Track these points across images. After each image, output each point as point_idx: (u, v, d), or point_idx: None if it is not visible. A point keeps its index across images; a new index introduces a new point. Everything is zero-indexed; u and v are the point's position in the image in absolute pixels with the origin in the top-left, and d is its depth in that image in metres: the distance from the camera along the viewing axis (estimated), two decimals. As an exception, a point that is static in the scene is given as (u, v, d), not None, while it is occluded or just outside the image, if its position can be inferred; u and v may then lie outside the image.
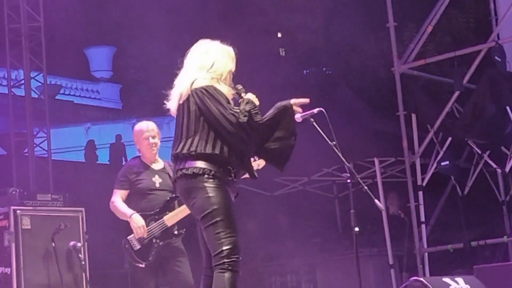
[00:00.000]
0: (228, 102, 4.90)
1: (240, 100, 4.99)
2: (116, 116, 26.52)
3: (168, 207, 6.61)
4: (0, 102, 20.27)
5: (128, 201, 6.64)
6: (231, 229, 4.79)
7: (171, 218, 6.56)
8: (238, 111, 4.83)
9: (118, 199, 6.61)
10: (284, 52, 21.41)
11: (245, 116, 4.83)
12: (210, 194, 4.80)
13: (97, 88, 28.03)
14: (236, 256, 4.77)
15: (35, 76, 12.46)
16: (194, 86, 4.89)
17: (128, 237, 6.49)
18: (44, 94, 12.62)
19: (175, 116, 5.03)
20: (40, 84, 12.66)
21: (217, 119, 4.82)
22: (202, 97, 4.85)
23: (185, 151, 4.87)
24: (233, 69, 5.06)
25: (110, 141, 20.74)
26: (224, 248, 4.75)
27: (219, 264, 4.75)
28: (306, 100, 5.16)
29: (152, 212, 6.56)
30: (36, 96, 12.63)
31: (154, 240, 6.51)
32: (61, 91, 25.04)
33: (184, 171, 4.86)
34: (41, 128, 12.42)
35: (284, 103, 5.09)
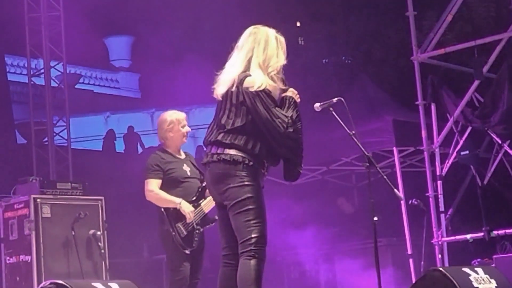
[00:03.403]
0: (276, 105, 4.92)
1: (283, 96, 5.01)
2: (135, 105, 26.59)
3: (203, 194, 6.70)
4: (20, 91, 20.38)
5: (161, 190, 6.69)
6: (261, 218, 4.86)
7: (206, 205, 6.67)
8: (287, 120, 4.87)
9: (156, 188, 6.65)
10: (303, 41, 21.35)
11: (291, 126, 4.89)
12: (246, 183, 4.85)
13: (116, 77, 28.12)
14: (263, 244, 4.83)
15: (55, 65, 12.52)
16: (249, 84, 4.89)
17: (177, 224, 6.55)
18: (64, 83, 12.66)
19: (218, 99, 5.04)
20: (59, 73, 12.72)
21: (265, 126, 4.86)
22: (254, 100, 4.87)
23: (226, 141, 4.90)
24: (285, 62, 5.09)
25: (130, 130, 20.82)
26: (253, 235, 4.81)
27: (246, 251, 4.80)
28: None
29: (190, 200, 6.64)
30: (56, 85, 12.67)
31: (195, 227, 6.59)
32: (81, 80, 25.15)
33: (223, 156, 4.90)
34: (60, 117, 12.47)
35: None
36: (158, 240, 6.79)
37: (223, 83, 5.00)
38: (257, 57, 4.99)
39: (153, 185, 6.65)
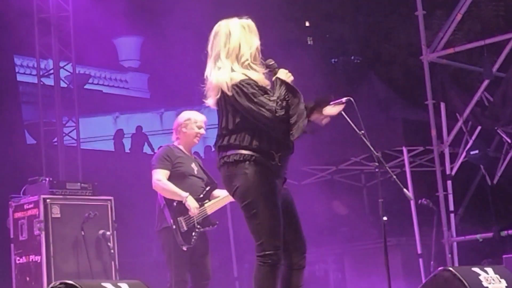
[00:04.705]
0: (265, 92, 4.80)
1: (273, 79, 4.90)
2: (144, 106, 26.59)
3: (208, 195, 6.68)
4: (29, 92, 20.37)
5: None
6: (272, 219, 4.75)
7: (210, 207, 6.65)
8: (274, 104, 4.72)
9: (164, 178, 6.62)
10: (312, 41, 21.34)
11: (281, 108, 4.74)
12: (251, 182, 4.75)
13: (126, 77, 28.13)
14: (276, 247, 4.73)
15: (64, 65, 12.52)
16: (228, 82, 4.78)
17: (178, 218, 6.52)
18: (73, 83, 12.67)
19: (215, 109, 4.95)
20: (69, 73, 12.72)
21: (254, 117, 4.75)
22: (236, 96, 4.76)
23: (225, 143, 4.83)
24: (259, 43, 4.95)
25: (138, 130, 20.84)
26: (263, 240, 4.73)
27: (260, 256, 4.73)
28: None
29: (196, 197, 6.62)
30: (65, 85, 12.69)
31: (195, 225, 6.56)
32: (90, 81, 25.15)
33: (225, 158, 4.82)
34: (70, 117, 12.48)
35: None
36: (158, 239, 6.76)
37: (210, 94, 4.89)
38: (222, 52, 4.87)
39: (161, 175, 6.63)
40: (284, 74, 4.91)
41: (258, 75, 4.87)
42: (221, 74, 4.84)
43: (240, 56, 4.88)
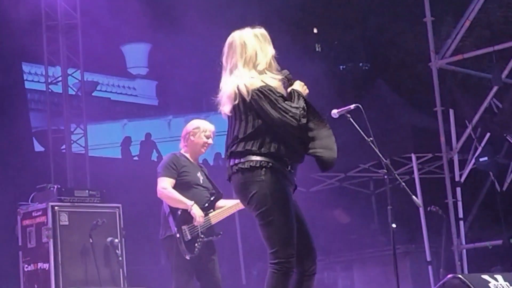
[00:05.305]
0: (285, 99, 4.81)
1: (290, 90, 4.91)
2: (152, 113, 26.62)
3: (213, 205, 6.65)
4: (37, 99, 20.47)
5: None
6: (287, 227, 4.73)
7: (215, 217, 6.61)
8: (299, 112, 4.75)
9: (170, 186, 6.58)
10: (320, 47, 21.34)
11: (304, 117, 4.77)
12: (267, 189, 4.73)
13: (134, 84, 28.19)
14: (290, 254, 4.71)
15: (72, 73, 12.52)
16: (247, 86, 4.78)
17: (183, 227, 6.49)
18: (81, 90, 12.68)
19: (226, 117, 4.92)
20: (77, 81, 12.73)
21: (277, 124, 4.75)
22: (259, 101, 4.75)
23: (242, 149, 4.80)
24: (274, 52, 4.97)
25: (147, 137, 20.85)
26: (279, 247, 4.70)
27: (274, 263, 4.70)
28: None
29: (201, 207, 6.59)
30: (73, 92, 12.70)
31: (199, 235, 6.54)
32: (98, 88, 25.20)
33: (240, 165, 4.79)
34: (78, 124, 12.48)
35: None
36: (162, 247, 6.74)
37: (226, 101, 4.87)
38: (239, 62, 4.89)
39: (167, 183, 6.60)
40: (300, 87, 4.94)
41: (276, 83, 4.88)
42: (240, 79, 4.83)
43: (257, 64, 4.90)
